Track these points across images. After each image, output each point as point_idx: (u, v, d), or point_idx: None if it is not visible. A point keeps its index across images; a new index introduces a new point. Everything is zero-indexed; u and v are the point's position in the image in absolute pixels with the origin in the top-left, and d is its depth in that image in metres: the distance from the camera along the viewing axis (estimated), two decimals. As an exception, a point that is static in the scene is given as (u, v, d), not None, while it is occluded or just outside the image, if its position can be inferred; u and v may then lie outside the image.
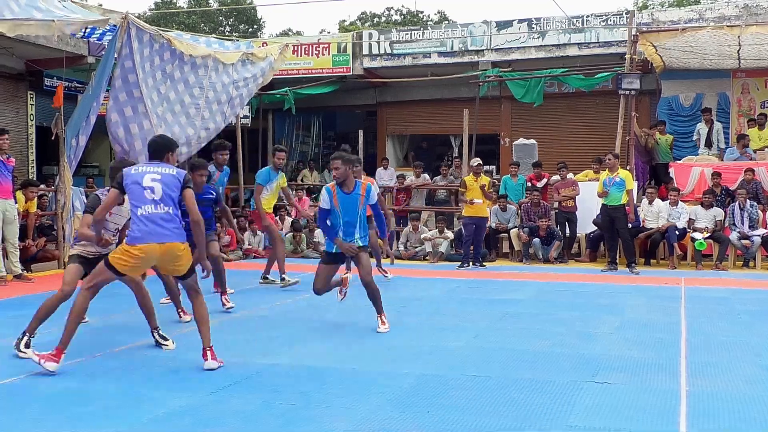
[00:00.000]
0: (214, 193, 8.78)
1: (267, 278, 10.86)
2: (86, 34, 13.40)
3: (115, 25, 12.24)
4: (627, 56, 15.62)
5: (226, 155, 10.15)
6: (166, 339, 6.67)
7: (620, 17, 18.53)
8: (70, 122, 12.65)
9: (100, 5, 17.10)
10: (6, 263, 11.11)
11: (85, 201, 13.16)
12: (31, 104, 17.67)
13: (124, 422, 4.55)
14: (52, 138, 13.54)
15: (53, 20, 10.91)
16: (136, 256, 5.69)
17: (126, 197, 6.00)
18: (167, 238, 5.71)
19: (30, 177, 16.01)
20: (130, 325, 7.58)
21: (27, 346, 6.14)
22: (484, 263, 13.70)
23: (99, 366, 5.99)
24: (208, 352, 5.84)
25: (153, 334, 6.68)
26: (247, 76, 15.15)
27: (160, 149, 6.14)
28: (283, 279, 10.48)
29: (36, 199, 12.82)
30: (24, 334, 6.17)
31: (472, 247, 13.51)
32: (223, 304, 8.60)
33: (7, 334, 6.63)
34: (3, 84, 15.29)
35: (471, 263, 13.44)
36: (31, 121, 17.74)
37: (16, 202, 11.55)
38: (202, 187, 8.40)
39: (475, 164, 13.54)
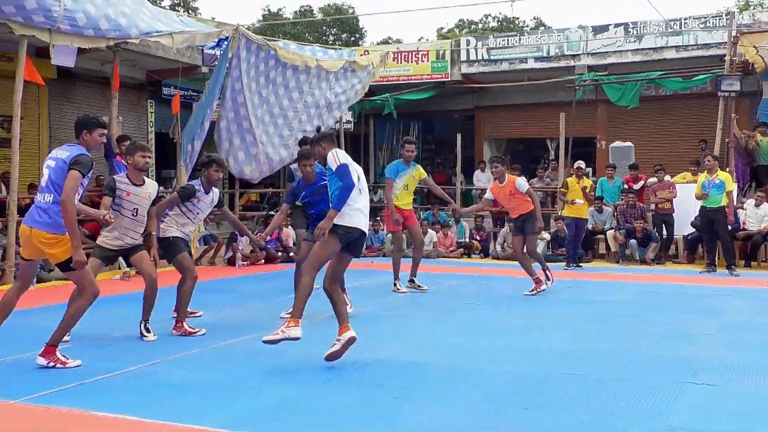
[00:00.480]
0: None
1: (413, 281, 10.06)
2: (203, 47, 13.90)
3: (227, 37, 12.65)
4: (727, 58, 15.11)
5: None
6: (149, 331, 6.83)
7: (719, 19, 17.82)
8: (186, 129, 13.13)
9: (213, 18, 17.64)
10: (130, 260, 11.56)
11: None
12: (151, 112, 18.35)
13: (235, 410, 4.66)
14: (174, 141, 14.10)
15: (171, 33, 11.38)
16: (20, 236, 5.86)
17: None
18: (35, 225, 5.59)
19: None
20: (239, 320, 7.81)
21: (147, 330, 6.79)
22: (580, 264, 13.45)
23: (209, 357, 6.16)
24: (48, 349, 5.67)
25: (140, 325, 6.84)
26: (345, 84, 15.45)
27: (77, 129, 5.90)
28: (395, 285, 9.89)
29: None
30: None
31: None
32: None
33: (131, 327, 6.93)
34: (127, 94, 15.93)
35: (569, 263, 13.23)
36: (151, 127, 18.42)
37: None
38: (313, 176, 7.82)
39: (577, 167, 13.56)
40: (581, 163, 13.76)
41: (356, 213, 5.93)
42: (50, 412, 4.60)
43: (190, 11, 33.34)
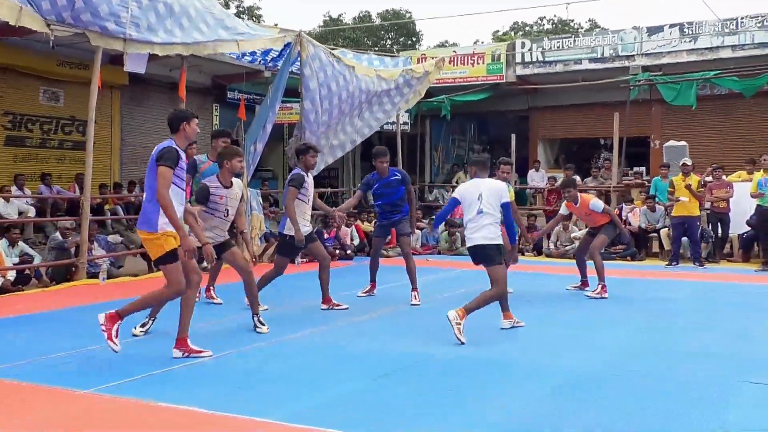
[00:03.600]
0: (399, 174, 8.97)
1: None
2: (263, 58, 14.09)
3: (289, 43, 12.75)
4: (785, 57, 14.63)
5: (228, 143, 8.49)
6: (263, 324, 6.93)
7: (777, 18, 17.26)
8: (249, 131, 13.26)
9: (276, 25, 17.79)
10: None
11: (261, 201, 13.79)
12: (216, 115, 18.62)
13: (298, 403, 4.68)
14: (236, 138, 14.30)
15: (237, 40, 11.48)
16: None
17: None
18: (138, 225, 5.89)
19: (215, 180, 16.81)
20: (299, 315, 7.87)
21: (261, 323, 6.96)
22: (703, 264, 13.13)
23: (272, 351, 6.19)
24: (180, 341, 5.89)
25: (253, 319, 6.98)
26: (406, 92, 15.52)
27: (175, 122, 5.84)
28: None
29: (220, 199, 13.34)
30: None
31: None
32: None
33: (202, 319, 7.02)
34: (193, 98, 16.12)
35: (677, 263, 13.18)
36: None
37: (204, 203, 12.09)
38: (386, 171, 8.88)
39: (682, 164, 13.52)
40: (687, 160, 13.61)
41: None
42: (119, 402, 4.68)
43: (254, 18, 33.74)
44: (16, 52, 13.35)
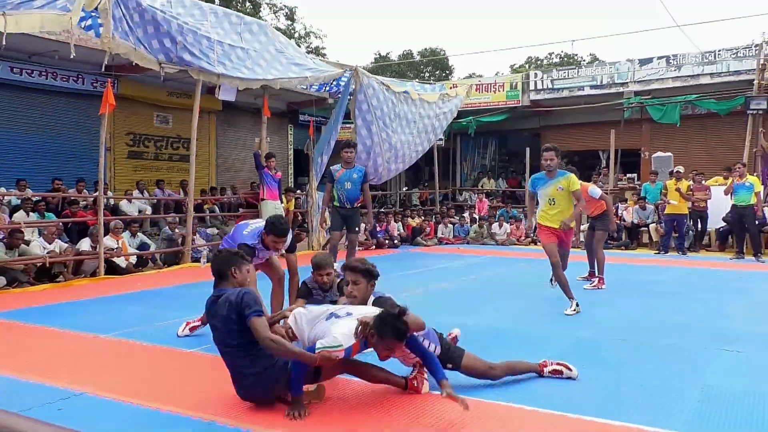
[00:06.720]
0: None
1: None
2: (330, 88, 14.23)
3: (348, 75, 12.83)
4: (756, 82, 14.26)
5: (351, 152, 9.06)
6: None
7: (749, 50, 16.68)
8: (317, 146, 13.36)
9: (338, 60, 17.85)
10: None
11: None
12: (290, 134, 18.75)
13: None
14: (308, 155, 14.36)
15: (307, 76, 11.59)
16: None
17: None
18: None
19: (289, 185, 16.98)
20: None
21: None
22: (686, 253, 12.89)
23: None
24: None
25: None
26: (445, 111, 15.49)
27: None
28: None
29: (293, 200, 13.55)
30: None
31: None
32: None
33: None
34: (273, 120, 16.22)
35: (666, 251, 12.97)
36: (290, 146, 18.83)
37: (281, 203, 12.31)
38: None
39: (676, 171, 13.32)
40: (680, 168, 13.31)
41: None
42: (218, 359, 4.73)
43: (320, 56, 33.92)
44: (135, 86, 13.67)
